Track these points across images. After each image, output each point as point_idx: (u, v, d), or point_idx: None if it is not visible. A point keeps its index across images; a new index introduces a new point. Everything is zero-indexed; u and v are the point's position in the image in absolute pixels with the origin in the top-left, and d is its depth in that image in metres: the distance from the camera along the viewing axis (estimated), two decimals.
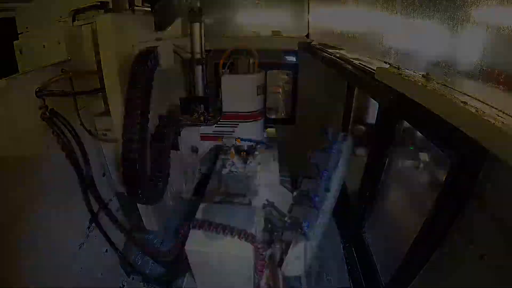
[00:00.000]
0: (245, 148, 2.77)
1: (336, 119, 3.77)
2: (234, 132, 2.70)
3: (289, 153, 5.29)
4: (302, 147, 5.14)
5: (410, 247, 1.58)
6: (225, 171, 2.73)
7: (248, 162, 2.79)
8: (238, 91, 2.54)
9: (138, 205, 2.50)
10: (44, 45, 2.31)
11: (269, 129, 3.15)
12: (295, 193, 2.14)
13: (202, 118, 2.69)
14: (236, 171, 2.71)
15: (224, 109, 2.62)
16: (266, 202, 2.35)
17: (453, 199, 1.32)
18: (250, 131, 2.70)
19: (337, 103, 3.78)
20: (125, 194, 2.04)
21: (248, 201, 2.32)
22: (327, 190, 2.09)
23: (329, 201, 2.12)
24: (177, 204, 2.92)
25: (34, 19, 2.35)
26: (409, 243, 1.58)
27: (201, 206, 2.15)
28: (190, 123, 2.65)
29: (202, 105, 2.71)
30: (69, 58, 2.24)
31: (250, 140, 2.73)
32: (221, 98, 2.59)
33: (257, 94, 2.61)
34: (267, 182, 2.63)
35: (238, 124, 2.67)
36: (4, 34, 2.39)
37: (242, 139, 2.70)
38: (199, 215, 2.08)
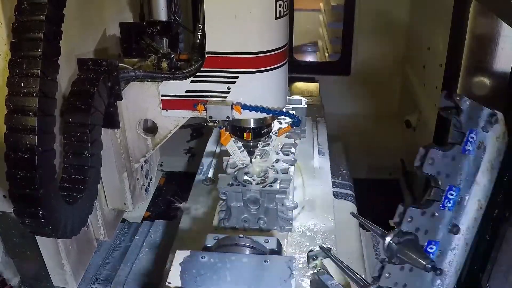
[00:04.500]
0: (251, 125, 2.79)
1: (432, 63, 4.02)
2: (228, 93, 2.70)
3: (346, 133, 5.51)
4: (368, 122, 5.27)
5: None
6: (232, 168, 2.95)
7: (256, 155, 2.93)
8: (236, 11, 2.50)
9: (38, 239, 2.60)
10: None
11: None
12: (390, 237, 2.06)
13: (164, 65, 2.76)
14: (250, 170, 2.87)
15: (208, 48, 2.61)
16: (314, 250, 2.50)
17: None
18: (261, 90, 2.71)
19: (435, 32, 4.03)
20: (12, 215, 2.15)
21: (276, 244, 2.40)
22: (456, 229, 2.07)
23: (459, 252, 2.11)
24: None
25: None
26: None
27: (179, 254, 2.24)
28: (142, 74, 2.70)
29: (164, 39, 2.77)
30: None
31: (261, 110, 2.70)
32: (203, 26, 2.57)
33: (276, 16, 2.55)
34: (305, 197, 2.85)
35: (236, 77, 2.67)
36: None
37: (244, 108, 2.67)
38: (175, 273, 2.15)
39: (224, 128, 2.81)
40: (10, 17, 2.07)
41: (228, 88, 2.68)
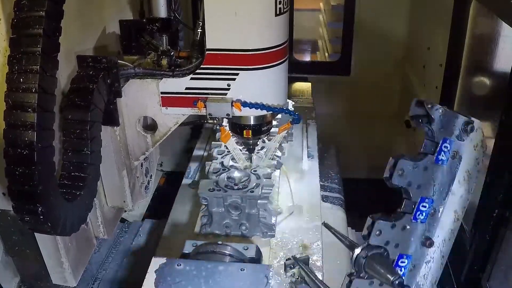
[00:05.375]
0: (251, 122, 2.79)
1: (432, 63, 4.03)
2: (228, 90, 2.70)
3: (346, 132, 5.51)
4: (368, 122, 5.28)
5: None
6: (215, 173, 2.87)
7: (255, 153, 2.93)
8: (236, 8, 2.51)
9: (38, 236, 2.59)
10: None
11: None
12: (358, 250, 2.02)
13: (164, 62, 2.76)
14: (233, 175, 2.83)
15: (208, 45, 2.61)
16: (291, 258, 2.45)
17: None
18: (260, 87, 2.71)
19: (435, 32, 4.02)
20: (11, 213, 2.11)
21: (255, 252, 2.39)
22: (429, 243, 1.99)
23: (435, 265, 2.05)
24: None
25: None
26: None
27: (154, 262, 2.25)
28: (141, 71, 2.70)
29: (164, 36, 2.76)
30: None
31: (261, 107, 2.70)
32: (203, 23, 2.57)
33: (276, 13, 2.55)
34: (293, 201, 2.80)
35: (236, 74, 2.66)
36: None
37: (244, 105, 2.67)
38: (149, 281, 2.16)
39: (224, 125, 2.80)
40: (9, 13, 2.06)
41: (228, 85, 2.68)
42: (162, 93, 2.75)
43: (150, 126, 2.96)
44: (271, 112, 2.75)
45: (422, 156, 1.91)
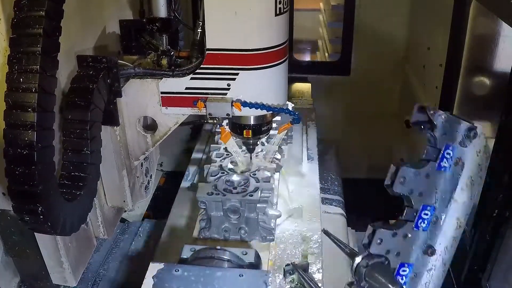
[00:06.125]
0: (251, 122, 2.78)
1: (432, 63, 4.03)
2: (228, 90, 2.70)
3: (346, 132, 5.51)
4: (368, 122, 5.27)
5: None
6: (213, 176, 2.83)
7: (254, 154, 2.92)
8: (236, 8, 2.50)
9: (38, 237, 2.60)
10: None
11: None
12: (358, 259, 2.01)
13: (164, 62, 2.77)
14: (231, 178, 2.78)
15: (208, 45, 2.61)
16: (290, 264, 2.45)
17: None
18: (260, 87, 2.71)
19: (435, 32, 4.06)
20: (11, 213, 2.11)
21: (254, 257, 2.34)
22: (430, 251, 1.97)
23: (436, 273, 2.02)
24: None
25: None
26: None
27: (152, 267, 2.22)
28: (141, 70, 2.69)
29: (164, 36, 2.76)
30: None
31: (261, 107, 2.69)
32: (203, 23, 2.57)
33: (276, 13, 2.54)
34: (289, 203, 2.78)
35: (236, 74, 2.66)
36: None
37: (244, 105, 2.67)
38: (147, 287, 2.13)
39: (224, 125, 2.80)
40: (9, 13, 2.06)
41: (228, 85, 2.68)
42: (162, 93, 2.75)
43: (150, 126, 2.95)
44: (271, 112, 2.75)
45: (424, 163, 1.89)
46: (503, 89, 2.87)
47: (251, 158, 2.94)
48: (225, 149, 3.04)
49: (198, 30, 2.65)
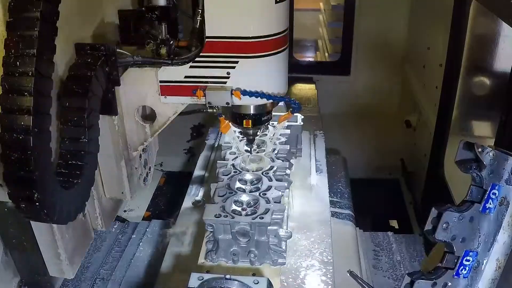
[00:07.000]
0: (251, 112, 2.77)
1: (432, 63, 4.06)
2: (228, 78, 2.69)
3: (346, 132, 5.55)
4: (368, 122, 5.22)
5: None
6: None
7: (255, 147, 2.93)
8: None
9: (34, 227, 2.61)
10: None
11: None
12: None
13: (163, 51, 2.75)
14: (240, 198, 2.67)
15: (208, 33, 2.60)
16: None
17: None
18: (260, 75, 2.70)
19: (435, 32, 4.16)
20: (8, 204, 2.11)
21: (266, 285, 2.19)
22: None
23: None
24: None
25: None
26: None
27: None
28: (140, 59, 2.69)
29: (163, 25, 2.74)
30: None
31: (261, 95, 2.69)
32: (202, 11, 2.57)
33: (276, 1, 2.55)
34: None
35: (236, 62, 2.65)
36: None
37: (244, 93, 2.67)
38: None
39: (223, 115, 2.81)
40: None
41: (228, 73, 2.68)
42: (161, 81, 2.76)
43: (149, 116, 2.97)
44: (271, 100, 2.75)
45: (468, 205, 1.76)
46: (503, 89, 2.89)
47: (250, 150, 2.93)
48: (233, 165, 2.96)
49: (198, 18, 2.65)
